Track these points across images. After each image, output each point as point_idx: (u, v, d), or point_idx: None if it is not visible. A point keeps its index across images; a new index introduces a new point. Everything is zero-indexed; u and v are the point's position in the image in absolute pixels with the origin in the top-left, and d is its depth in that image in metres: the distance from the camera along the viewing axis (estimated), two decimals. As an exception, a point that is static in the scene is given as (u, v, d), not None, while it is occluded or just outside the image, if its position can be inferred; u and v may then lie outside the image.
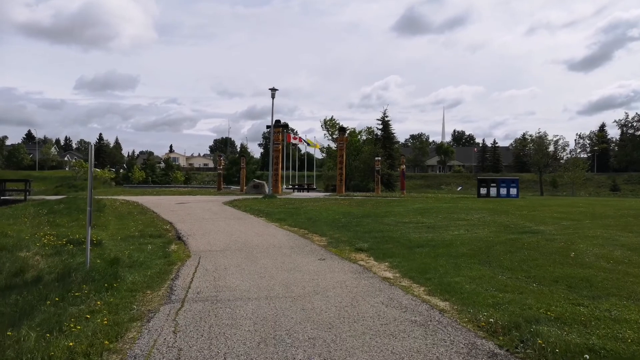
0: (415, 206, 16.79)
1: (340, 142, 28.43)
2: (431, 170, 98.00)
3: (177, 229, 12.57)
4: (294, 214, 15.81)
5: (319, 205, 18.50)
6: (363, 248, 9.09)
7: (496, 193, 22.83)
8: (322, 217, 14.84)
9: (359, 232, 11.54)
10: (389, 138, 47.86)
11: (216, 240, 10.58)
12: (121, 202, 19.27)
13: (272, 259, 8.02)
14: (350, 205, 18.11)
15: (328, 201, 20.10)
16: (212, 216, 15.39)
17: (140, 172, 54.04)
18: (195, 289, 5.90)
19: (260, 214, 15.85)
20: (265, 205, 18.51)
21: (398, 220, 12.93)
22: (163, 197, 24.22)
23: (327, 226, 12.82)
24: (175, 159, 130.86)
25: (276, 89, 22.83)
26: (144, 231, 12.22)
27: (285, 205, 18.57)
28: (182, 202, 19.95)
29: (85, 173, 50.78)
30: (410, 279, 6.32)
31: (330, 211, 16.22)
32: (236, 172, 59.61)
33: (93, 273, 6.56)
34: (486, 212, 14.15)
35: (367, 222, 13.14)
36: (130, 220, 14.52)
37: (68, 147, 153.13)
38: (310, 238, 10.90)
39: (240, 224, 13.51)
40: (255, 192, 27.63)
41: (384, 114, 50.20)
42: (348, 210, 16.19)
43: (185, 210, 17.22)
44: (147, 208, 17.75)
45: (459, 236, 9.80)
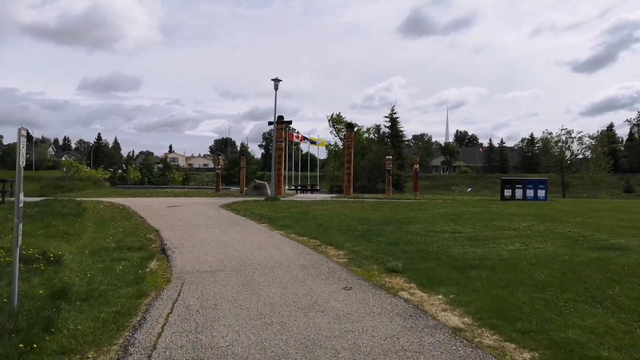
0: (441, 210, 14.68)
1: (348, 140, 26.31)
2: (435, 170, 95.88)
3: (162, 239, 10.48)
4: (300, 219, 13.71)
5: (328, 208, 16.39)
6: (396, 268, 6.98)
7: (522, 195, 20.74)
8: (334, 223, 12.74)
9: (382, 243, 9.44)
10: (397, 136, 45.56)
11: (208, 254, 8.48)
12: (106, 205, 17.17)
13: (281, 287, 5.92)
14: (364, 209, 16.00)
15: (337, 204, 18.00)
16: (207, 222, 13.28)
17: (136, 172, 51.90)
18: (163, 351, 3.78)
19: (262, 220, 13.75)
20: (268, 209, 16.41)
21: (428, 229, 10.82)
22: (155, 199, 22.12)
23: (342, 235, 10.73)
24: (174, 159, 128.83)
25: (279, 80, 20.74)
26: (122, 242, 10.14)
27: (290, 209, 16.47)
28: (174, 205, 17.85)
29: (77, 172, 48.75)
30: (492, 329, 4.21)
31: (343, 216, 14.11)
32: (236, 173, 57.55)
33: (21, 316, 4.45)
34: (530, 218, 12.05)
35: (390, 230, 11.03)
36: (110, 227, 12.42)
37: (67, 147, 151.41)
38: (325, 252, 8.80)
39: (239, 232, 11.40)
40: (256, 193, 25.53)
41: (391, 110, 47.86)
42: (363, 215, 14.08)
43: (176, 214, 15.12)
44: (134, 212, 15.66)
45: (518, 253, 7.69)
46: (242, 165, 28.60)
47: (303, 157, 48.16)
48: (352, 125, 26.60)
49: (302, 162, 48.15)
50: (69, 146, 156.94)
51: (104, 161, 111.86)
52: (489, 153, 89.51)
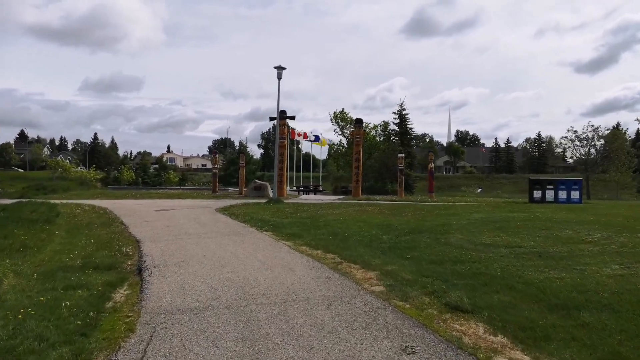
0: (476, 216, 12.56)
1: (356, 136, 24.15)
2: (438, 171, 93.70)
3: (142, 254, 8.38)
4: (310, 226, 11.60)
5: (340, 213, 14.27)
6: (461, 305, 4.90)
7: (553, 197, 18.64)
8: (351, 231, 10.64)
9: (422, 261, 7.35)
10: (407, 134, 43.26)
11: (197, 278, 6.38)
12: (85, 209, 15.04)
13: (303, 348, 3.80)
14: (382, 214, 13.89)
15: (349, 207, 15.88)
16: (199, 230, 11.17)
17: (130, 172, 49.62)
18: None
19: (265, 227, 11.64)
20: (271, 213, 14.29)
21: (473, 241, 8.71)
22: (145, 201, 19.98)
23: (366, 248, 8.65)
24: (172, 159, 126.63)
25: (283, 68, 18.62)
26: (91, 257, 8.06)
27: (297, 214, 14.35)
28: (164, 209, 15.72)
29: (65, 172, 46.46)
30: None
31: (360, 222, 12.01)
32: (234, 172, 55.32)
33: None
34: (598, 227, 9.96)
35: (425, 242, 8.92)
36: (82, 236, 10.32)
37: (63, 148, 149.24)
38: (350, 273, 6.72)
39: (238, 244, 9.29)
40: (257, 195, 23.39)
41: (400, 107, 45.40)
42: (384, 222, 11.97)
43: (164, 220, 12.99)
44: (116, 217, 13.54)
45: (628, 280, 5.57)
46: (241, 164, 26.46)
47: (303, 157, 46.05)
48: (361, 121, 24.45)
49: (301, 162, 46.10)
50: (65, 146, 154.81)
51: (100, 161, 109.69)
52: (495, 153, 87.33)
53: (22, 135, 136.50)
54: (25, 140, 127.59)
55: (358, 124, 24.31)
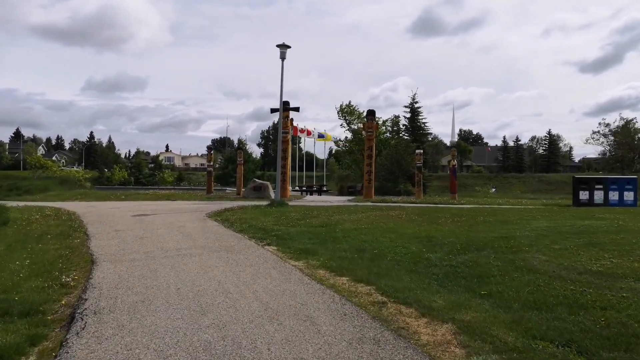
0: (540, 224, 9.89)
1: (368, 130, 21.48)
2: (442, 170, 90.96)
3: (89, 284, 5.79)
4: (326, 238, 8.97)
5: (358, 219, 11.62)
6: None
7: (602, 198, 16.01)
8: (382, 246, 8.01)
9: (511, 302, 4.78)
10: (419, 128, 40.46)
11: (153, 340, 3.77)
12: (47, 214, 12.39)
13: None
14: (412, 220, 11.24)
15: (368, 211, 13.22)
16: (181, 244, 8.52)
17: (122, 172, 46.90)
18: None
19: (268, 238, 9.02)
20: (274, 220, 11.64)
21: (565, 264, 6.08)
22: (128, 203, 17.32)
23: (411, 274, 6.09)
24: (170, 158, 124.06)
25: (287, 46, 15.98)
26: (14, 289, 5.56)
27: (306, 219, 11.70)
28: (144, 214, 13.07)
29: (47, 171, 43.71)
30: None
31: (390, 232, 9.36)
32: (233, 172, 52.66)
33: None
34: None
35: (494, 265, 6.30)
36: (23, 253, 7.69)
37: (59, 147, 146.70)
38: (408, 329, 4.18)
39: (230, 267, 6.67)
40: (256, 196, 20.74)
41: (412, 100, 42.51)
42: (421, 232, 9.32)
43: (140, 229, 10.35)
44: (81, 225, 10.91)
45: None
46: (240, 161, 23.79)
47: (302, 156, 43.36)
48: (374, 113, 21.76)
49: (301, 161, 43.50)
50: (62, 145, 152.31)
51: (97, 161, 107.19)
52: (503, 152, 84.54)
53: (18, 134, 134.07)
54: (21, 139, 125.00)
55: (370, 115, 21.60)
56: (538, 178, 67.07)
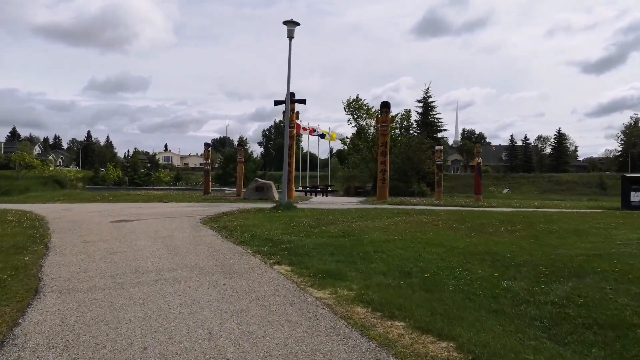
0: (629, 235, 7.84)
1: (382, 124, 19.42)
2: (446, 170, 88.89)
3: (8, 340, 3.67)
4: (353, 253, 6.92)
5: (384, 226, 9.55)
6: None
7: (657, 201, 13.98)
8: (432, 267, 5.96)
9: None
10: (432, 124, 38.32)
11: None
12: (9, 219, 10.29)
13: None
14: (454, 229, 9.17)
15: (393, 216, 11.14)
16: (163, 262, 6.46)
17: (116, 171, 44.78)
18: None
19: (277, 254, 6.97)
20: (283, 227, 9.57)
21: None
22: (113, 205, 15.25)
23: (499, 319, 4.05)
24: (168, 158, 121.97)
25: (296, 23, 13.92)
26: None
27: (321, 226, 9.61)
28: (127, 219, 11.00)
29: (32, 171, 41.56)
30: None
31: (434, 246, 7.30)
32: (233, 171, 50.57)
33: None
34: None
35: (621, 302, 4.21)
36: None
37: (57, 146, 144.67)
38: None
39: (227, 302, 4.61)
40: (259, 197, 18.68)
41: (425, 94, 40.33)
42: (474, 246, 7.26)
43: (116, 240, 8.27)
44: (46, 233, 8.84)
45: None
46: (240, 159, 21.71)
47: (304, 156, 41.28)
48: (389, 105, 19.67)
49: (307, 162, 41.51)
50: (59, 145, 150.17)
51: (94, 160, 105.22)
52: (510, 151, 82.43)
53: (14, 133, 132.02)
54: (16, 138, 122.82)
55: (385, 108, 19.49)
56: (548, 178, 65.05)
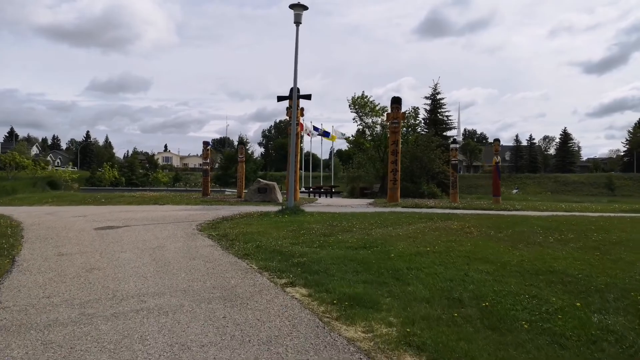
0: None
1: (393, 121, 18.13)
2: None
3: None
4: (382, 271, 5.66)
5: (411, 234, 8.29)
6: None
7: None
8: (486, 290, 4.70)
9: None
10: (441, 122, 36.85)
11: None
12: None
13: None
14: (490, 237, 7.91)
15: (416, 222, 9.88)
16: (150, 281, 5.20)
17: (112, 171, 43.46)
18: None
19: (288, 271, 5.70)
20: (292, 235, 8.30)
21: None
22: (103, 208, 13.98)
23: None
24: (167, 158, 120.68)
25: (304, 7, 12.69)
26: None
27: (335, 234, 8.34)
28: (114, 226, 9.74)
29: (22, 172, 40.14)
30: None
31: (477, 261, 6.05)
32: (234, 173, 49.29)
33: None
34: None
35: None
36: None
37: (55, 147, 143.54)
38: None
39: (230, 349, 3.30)
40: (261, 199, 17.42)
41: (434, 90, 37.92)
42: (529, 262, 6.03)
43: (97, 252, 7.01)
44: (17, 242, 7.59)
45: None
46: (241, 158, 20.40)
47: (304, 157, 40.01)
48: (400, 101, 18.39)
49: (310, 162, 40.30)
50: (58, 145, 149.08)
51: (92, 160, 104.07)
52: (515, 151, 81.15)
53: (12, 134, 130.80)
54: (13, 138, 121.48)
55: (396, 104, 18.18)
56: (554, 178, 63.82)
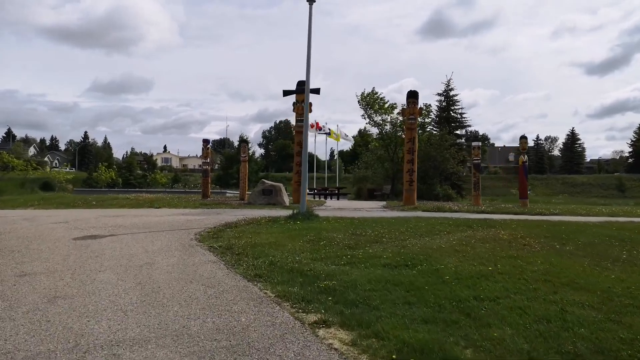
0: None
1: (410, 117, 16.65)
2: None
3: None
4: (442, 303, 4.18)
5: (456, 247, 6.83)
6: None
7: None
8: (613, 341, 3.20)
9: None
10: (455, 120, 35.15)
11: None
12: None
13: None
14: (557, 250, 6.48)
15: (452, 230, 8.43)
16: (131, 319, 3.71)
17: (108, 172, 42.00)
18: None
19: (316, 303, 4.22)
20: (310, 247, 6.84)
21: None
22: (90, 212, 12.52)
23: None
24: (167, 159, 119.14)
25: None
26: None
27: (363, 246, 6.87)
28: (98, 235, 8.27)
29: (13, 172, 38.56)
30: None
31: (569, 289, 4.61)
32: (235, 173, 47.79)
33: None
34: None
35: None
36: None
37: (53, 147, 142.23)
38: None
39: None
40: (267, 201, 15.96)
41: (447, 86, 35.28)
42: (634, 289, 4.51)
43: (69, 271, 5.53)
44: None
45: None
46: (244, 157, 18.92)
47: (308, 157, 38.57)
48: (416, 95, 16.92)
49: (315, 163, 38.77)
50: (56, 146, 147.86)
51: (91, 161, 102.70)
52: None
53: (9, 134, 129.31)
54: (13, 139, 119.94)
55: (412, 98, 16.68)
56: (561, 180, 62.43)
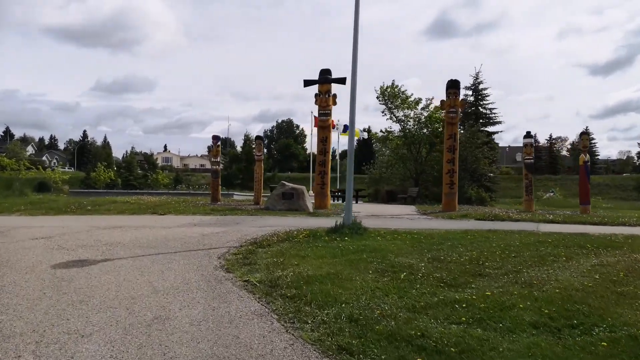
0: None
1: (451, 110, 14.52)
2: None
3: None
4: None
5: (610, 286, 4.73)
6: None
7: None
8: None
9: None
10: (485, 116, 32.67)
11: None
12: None
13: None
14: None
15: (577, 255, 6.32)
16: None
17: (107, 172, 39.91)
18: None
19: None
20: (393, 287, 4.75)
21: None
22: (83, 221, 10.41)
23: None
24: (167, 159, 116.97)
25: None
26: None
27: (466, 281, 4.78)
28: (87, 260, 6.16)
29: (2, 172, 36.52)
30: None
31: None
32: (238, 172, 45.65)
33: None
34: None
35: None
36: None
37: (52, 147, 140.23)
38: None
39: None
40: (287, 206, 13.84)
41: (475, 79, 32.09)
42: None
43: (31, 340, 3.40)
44: None
45: None
46: (259, 155, 16.70)
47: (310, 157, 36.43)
48: (458, 85, 14.77)
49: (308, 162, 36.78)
50: (55, 145, 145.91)
51: (90, 161, 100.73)
52: (534, 152, 77.75)
53: (7, 133, 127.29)
54: (11, 138, 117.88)
55: (453, 89, 14.55)
56: (577, 180, 60.18)
